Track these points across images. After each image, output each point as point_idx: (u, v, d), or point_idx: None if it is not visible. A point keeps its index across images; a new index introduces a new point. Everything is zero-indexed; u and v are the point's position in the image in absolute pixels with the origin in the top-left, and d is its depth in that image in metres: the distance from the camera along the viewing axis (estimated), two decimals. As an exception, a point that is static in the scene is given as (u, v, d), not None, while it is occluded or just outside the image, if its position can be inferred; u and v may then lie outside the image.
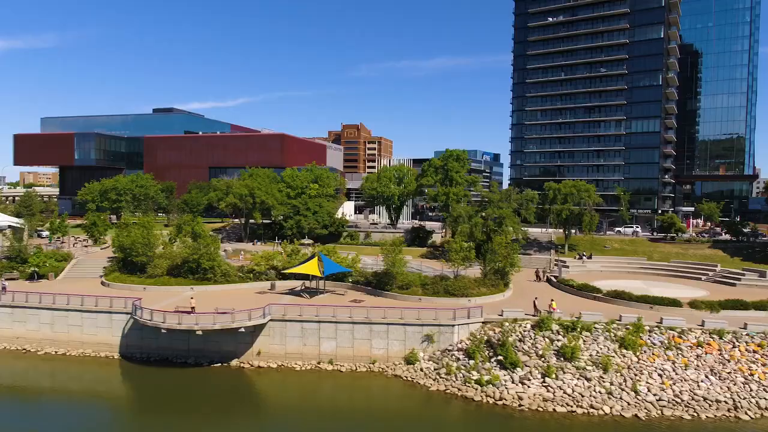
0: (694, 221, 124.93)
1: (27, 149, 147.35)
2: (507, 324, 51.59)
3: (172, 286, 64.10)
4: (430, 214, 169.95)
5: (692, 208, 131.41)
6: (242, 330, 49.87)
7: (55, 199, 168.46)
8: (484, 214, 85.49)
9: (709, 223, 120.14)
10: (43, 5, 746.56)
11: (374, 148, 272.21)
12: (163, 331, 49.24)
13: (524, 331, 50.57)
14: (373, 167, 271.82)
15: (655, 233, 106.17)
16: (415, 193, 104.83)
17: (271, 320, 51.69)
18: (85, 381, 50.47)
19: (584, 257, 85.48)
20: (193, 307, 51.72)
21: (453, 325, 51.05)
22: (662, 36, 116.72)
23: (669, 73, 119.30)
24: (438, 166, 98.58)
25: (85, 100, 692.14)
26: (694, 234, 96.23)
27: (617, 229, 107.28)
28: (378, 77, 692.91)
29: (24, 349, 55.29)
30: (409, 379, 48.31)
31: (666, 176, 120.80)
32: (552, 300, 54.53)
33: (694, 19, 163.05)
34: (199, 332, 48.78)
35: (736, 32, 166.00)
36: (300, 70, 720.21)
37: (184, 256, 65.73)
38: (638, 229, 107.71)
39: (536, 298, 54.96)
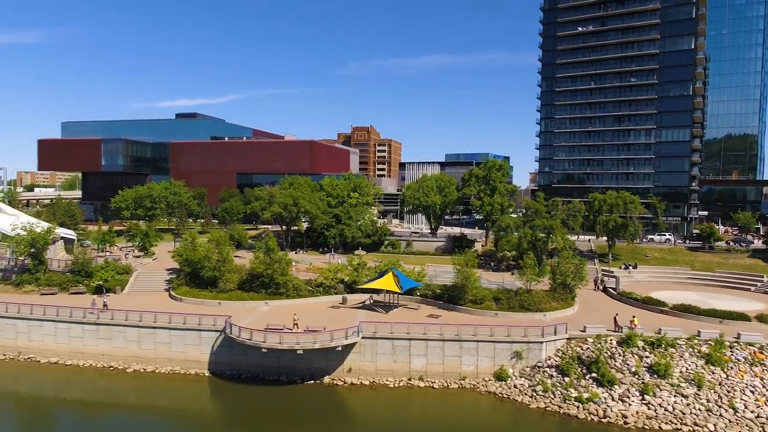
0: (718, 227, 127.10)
1: (50, 154, 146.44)
2: (592, 340, 53.05)
3: (246, 300, 64.67)
4: (447, 218, 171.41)
5: (706, 213, 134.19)
6: (339, 348, 50.75)
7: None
8: (532, 224, 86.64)
9: (729, 229, 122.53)
10: (27, 2, 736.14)
11: (384, 150, 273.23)
12: (263, 350, 49.95)
13: (611, 347, 51.94)
14: (383, 170, 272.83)
15: (687, 241, 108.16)
16: (457, 202, 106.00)
17: (362, 337, 52.62)
18: (176, 398, 51.12)
19: (630, 267, 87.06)
20: (296, 324, 52.67)
21: (541, 342, 52.32)
22: (693, 47, 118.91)
23: (697, 82, 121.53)
24: (480, 175, 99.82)
25: (74, 97, 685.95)
26: (732, 243, 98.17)
27: (650, 237, 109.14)
28: (370, 74, 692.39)
29: (111, 366, 55.74)
30: (505, 396, 49.52)
31: (693, 184, 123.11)
32: (633, 316, 55.98)
33: (708, 27, 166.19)
34: (300, 351, 49.54)
35: (750, 40, 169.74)
36: (291, 67, 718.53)
37: (254, 270, 66.17)
38: (671, 237, 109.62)
39: (617, 314, 56.41)
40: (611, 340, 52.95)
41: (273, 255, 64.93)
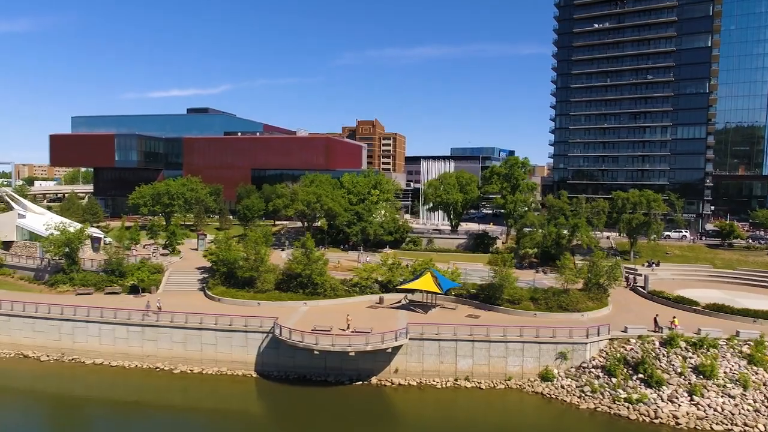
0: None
1: (62, 149, 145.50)
2: (634, 341, 53.90)
3: (284, 301, 65.01)
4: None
5: (713, 208, 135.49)
6: (388, 350, 51.35)
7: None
8: (556, 222, 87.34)
9: (739, 224, 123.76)
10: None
11: (389, 144, 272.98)
12: (316, 352, 50.47)
13: (655, 348, 52.80)
14: (388, 164, 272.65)
15: (703, 237, 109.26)
16: (478, 200, 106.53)
17: (409, 338, 53.21)
18: (224, 399, 51.41)
19: (654, 265, 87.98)
20: (348, 324, 53.32)
21: (586, 343, 53.11)
22: (709, 45, 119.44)
23: (712, 80, 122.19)
24: (502, 173, 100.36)
25: (65, 87, 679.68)
26: (750, 241, 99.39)
27: (666, 233, 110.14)
28: (366, 65, 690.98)
29: (157, 368, 56.11)
30: (552, 396, 50.33)
31: (707, 180, 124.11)
32: (674, 317, 56.86)
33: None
34: (352, 354, 50.09)
35: (758, 36, 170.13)
36: (286, 58, 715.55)
37: (292, 271, 66.41)
38: (686, 234, 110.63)
39: (657, 315, 57.26)
40: (653, 340, 53.81)
41: (311, 255, 65.22)
